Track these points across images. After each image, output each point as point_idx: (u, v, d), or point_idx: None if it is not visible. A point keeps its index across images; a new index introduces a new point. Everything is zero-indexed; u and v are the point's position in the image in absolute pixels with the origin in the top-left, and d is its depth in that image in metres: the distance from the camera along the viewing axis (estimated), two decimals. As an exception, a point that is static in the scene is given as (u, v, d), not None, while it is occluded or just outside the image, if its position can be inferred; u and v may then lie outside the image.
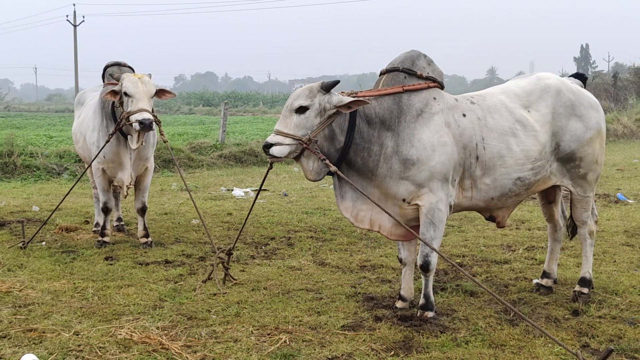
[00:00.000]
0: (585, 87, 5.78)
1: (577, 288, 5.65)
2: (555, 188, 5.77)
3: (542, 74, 5.59)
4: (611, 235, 8.03)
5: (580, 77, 5.92)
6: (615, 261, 6.85)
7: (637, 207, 10.11)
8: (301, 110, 4.76)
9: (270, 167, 5.22)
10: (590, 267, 5.68)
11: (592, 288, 5.73)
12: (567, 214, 6.09)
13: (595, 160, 5.48)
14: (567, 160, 5.40)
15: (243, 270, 6.54)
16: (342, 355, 4.42)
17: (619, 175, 14.05)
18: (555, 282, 5.97)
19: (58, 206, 7.95)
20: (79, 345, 4.53)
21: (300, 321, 5.05)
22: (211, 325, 4.96)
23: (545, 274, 5.93)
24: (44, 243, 7.66)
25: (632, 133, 24.90)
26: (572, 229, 6.04)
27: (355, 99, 4.75)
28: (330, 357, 4.39)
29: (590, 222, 5.67)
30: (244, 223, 5.95)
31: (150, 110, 6.85)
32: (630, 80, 34.57)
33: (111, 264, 6.75)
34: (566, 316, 5.21)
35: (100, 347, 4.50)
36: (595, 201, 6.16)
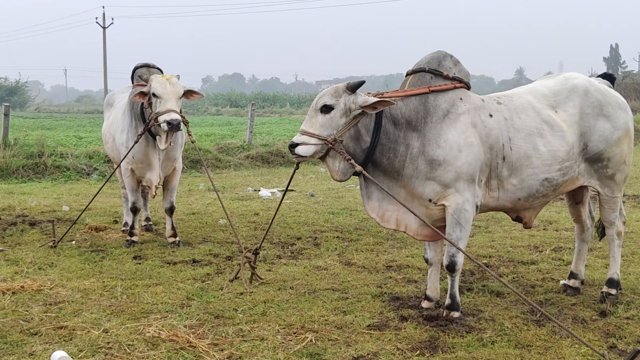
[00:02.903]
0: (613, 87, 5.74)
1: (605, 289, 5.61)
2: (582, 189, 5.73)
3: (569, 74, 5.56)
4: (640, 237, 7.96)
5: (608, 77, 5.87)
6: (644, 262, 6.78)
7: (667, 208, 9.99)
8: (326, 109, 4.79)
9: (297, 168, 5.25)
10: (618, 268, 5.64)
11: (620, 289, 5.69)
12: (595, 214, 6.05)
13: (623, 161, 5.44)
14: (595, 160, 5.37)
15: (270, 270, 6.58)
16: (367, 354, 4.44)
17: (649, 176, 13.88)
18: (582, 283, 5.93)
19: (88, 206, 8.05)
20: (108, 343, 4.60)
21: (326, 320, 5.07)
22: (238, 323, 5.01)
23: (572, 275, 5.89)
24: (73, 242, 7.77)
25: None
26: (602, 230, 6.00)
27: (381, 99, 4.76)
28: (356, 356, 4.41)
29: (618, 223, 5.63)
30: (271, 223, 5.98)
31: (179, 111, 6.91)
32: (661, 80, 34.10)
33: (139, 263, 6.83)
34: (593, 317, 5.18)
35: (128, 345, 4.56)
36: (624, 202, 6.12)
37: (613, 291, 5.56)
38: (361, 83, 4.85)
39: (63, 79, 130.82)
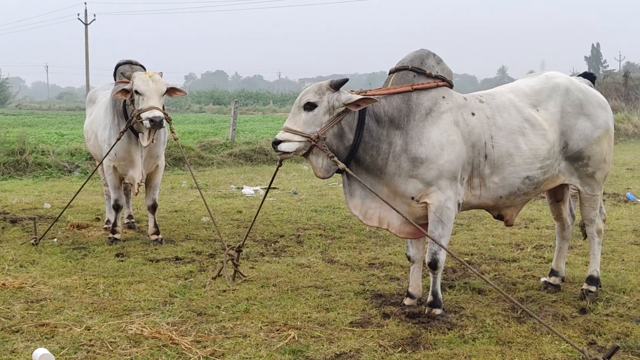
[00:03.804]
0: (594, 87, 5.79)
1: (585, 286, 5.66)
2: (563, 187, 5.78)
3: (550, 73, 5.60)
4: (620, 234, 8.03)
5: (589, 76, 5.93)
6: (623, 260, 6.85)
7: (646, 207, 10.09)
8: (309, 107, 4.80)
9: (280, 165, 5.24)
10: (598, 266, 5.69)
11: (600, 286, 5.75)
12: (576, 213, 6.10)
13: (603, 159, 5.49)
14: (576, 159, 5.41)
15: (252, 267, 6.58)
16: (350, 351, 4.45)
17: (629, 175, 14.03)
18: (563, 280, 5.99)
19: (69, 203, 8.01)
20: (90, 340, 4.59)
21: (308, 317, 5.09)
22: (221, 321, 5.01)
23: (553, 272, 5.94)
24: (55, 240, 7.73)
25: (643, 133, 24.81)
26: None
27: (364, 97, 4.78)
28: (338, 353, 4.42)
29: (598, 221, 5.68)
30: (254, 221, 5.99)
31: (161, 108, 6.90)
32: (641, 79, 34.43)
33: (122, 261, 6.81)
34: (573, 314, 5.23)
35: (111, 342, 4.55)
36: (604, 200, 6.18)
37: (593, 288, 5.61)
38: (344, 81, 4.87)
39: (44, 76, 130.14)
